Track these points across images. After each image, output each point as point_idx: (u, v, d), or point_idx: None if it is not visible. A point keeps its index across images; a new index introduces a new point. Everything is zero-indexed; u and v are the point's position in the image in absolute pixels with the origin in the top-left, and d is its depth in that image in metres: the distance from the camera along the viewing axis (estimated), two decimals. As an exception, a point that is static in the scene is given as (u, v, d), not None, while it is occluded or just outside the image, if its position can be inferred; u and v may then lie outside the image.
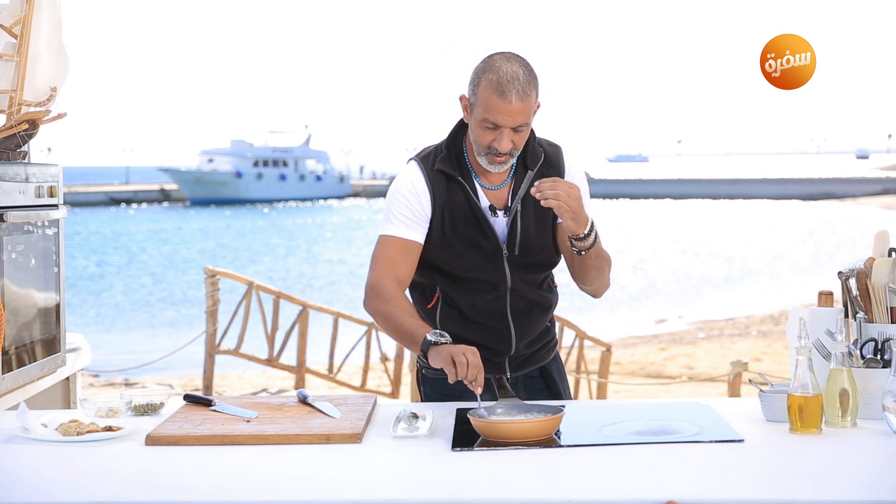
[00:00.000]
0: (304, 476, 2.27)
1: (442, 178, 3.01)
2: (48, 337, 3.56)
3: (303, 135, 78.55)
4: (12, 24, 3.42)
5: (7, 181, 3.28)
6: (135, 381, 12.36)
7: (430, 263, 3.04)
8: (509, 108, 2.83)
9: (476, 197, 3.00)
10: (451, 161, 3.01)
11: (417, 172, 3.03)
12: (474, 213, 2.99)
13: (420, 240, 3.00)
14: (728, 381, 8.15)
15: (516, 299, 3.04)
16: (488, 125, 2.87)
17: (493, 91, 2.84)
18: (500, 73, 2.85)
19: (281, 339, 10.38)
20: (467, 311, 3.05)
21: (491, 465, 2.31)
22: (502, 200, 3.03)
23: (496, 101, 2.84)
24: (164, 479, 2.25)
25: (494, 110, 2.84)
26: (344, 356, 10.85)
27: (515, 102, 2.83)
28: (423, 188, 3.01)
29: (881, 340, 2.75)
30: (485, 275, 3.01)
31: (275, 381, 12.15)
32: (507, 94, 2.83)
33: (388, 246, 3.00)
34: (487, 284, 3.01)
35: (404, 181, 3.03)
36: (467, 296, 3.04)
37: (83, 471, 2.31)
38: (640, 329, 19.12)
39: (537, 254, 3.04)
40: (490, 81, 2.85)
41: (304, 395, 2.89)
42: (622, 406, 3.01)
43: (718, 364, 13.26)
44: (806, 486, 2.14)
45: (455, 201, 3.00)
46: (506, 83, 2.83)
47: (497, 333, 3.05)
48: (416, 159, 3.07)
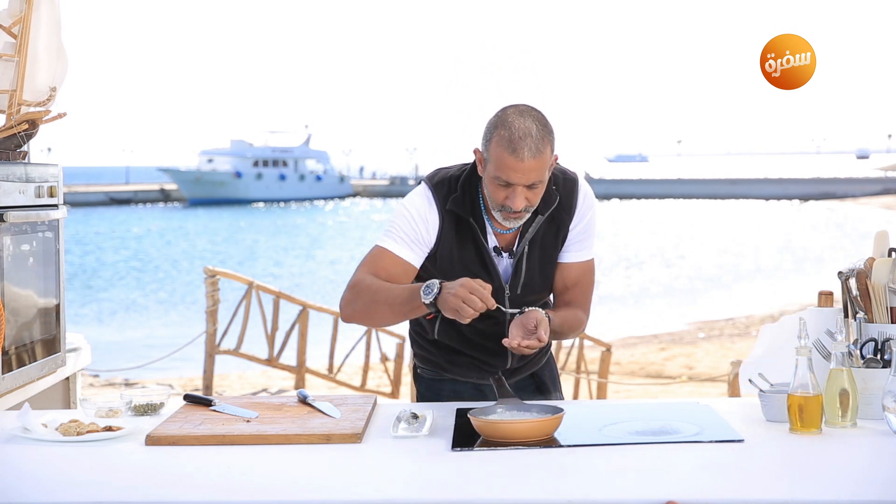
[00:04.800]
0: (304, 476, 2.27)
1: (453, 217, 2.94)
2: (48, 337, 3.56)
3: (303, 135, 78.60)
4: (11, 24, 3.42)
5: (7, 181, 3.27)
6: (135, 381, 12.36)
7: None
8: (521, 167, 2.73)
9: (485, 238, 2.95)
10: (465, 203, 2.93)
11: (431, 201, 2.94)
12: (480, 253, 2.94)
13: (416, 263, 2.93)
14: (728, 381, 8.14)
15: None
16: (501, 182, 2.77)
17: (504, 148, 2.74)
18: (511, 130, 2.74)
19: (281, 339, 10.38)
20: (465, 331, 3.03)
21: (491, 465, 2.31)
22: (510, 242, 2.98)
23: (508, 159, 2.73)
24: (164, 479, 2.25)
25: (507, 168, 2.74)
26: (344, 356, 10.84)
27: (528, 160, 2.73)
28: (433, 218, 2.93)
29: (881, 340, 2.75)
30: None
31: (275, 381, 12.15)
32: (519, 151, 2.72)
33: (381, 257, 2.92)
34: (486, 317, 2.89)
35: (416, 204, 2.94)
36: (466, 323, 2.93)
37: (83, 471, 2.31)
38: (640, 329, 19.11)
39: (538, 293, 3.03)
40: (502, 138, 2.75)
41: (304, 395, 2.89)
42: (622, 406, 3.01)
43: (718, 364, 13.25)
44: (806, 486, 2.14)
45: (462, 241, 2.93)
46: (517, 140, 2.73)
47: (493, 352, 3.05)
48: (430, 186, 2.97)
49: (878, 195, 64.99)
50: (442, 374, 3.14)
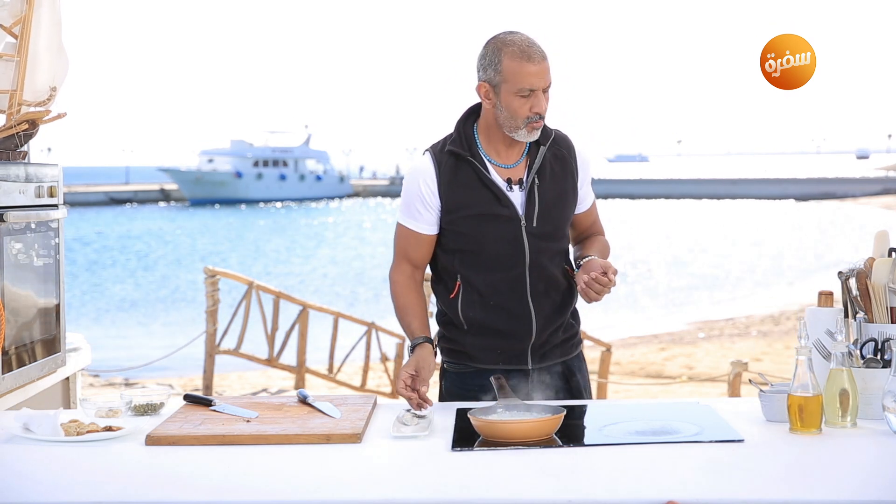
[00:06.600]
0: (304, 476, 2.27)
1: (451, 159, 3.09)
2: (48, 337, 3.56)
3: (303, 135, 78.60)
4: (12, 24, 3.42)
5: (7, 181, 3.28)
6: (135, 381, 12.36)
7: (451, 248, 3.10)
8: (539, 69, 2.96)
9: (488, 173, 3.07)
10: (462, 143, 3.10)
11: (426, 158, 3.13)
12: (488, 188, 3.05)
13: (428, 231, 3.11)
14: (728, 381, 8.16)
15: (535, 279, 3.07)
16: (524, 93, 2.97)
17: (520, 59, 2.96)
18: (517, 44, 2.97)
19: (281, 339, 10.38)
20: (488, 294, 3.07)
21: (491, 465, 2.31)
22: (519, 176, 3.10)
23: (527, 66, 2.95)
24: (164, 479, 2.25)
25: (528, 75, 2.96)
26: (344, 356, 10.85)
27: (541, 62, 2.97)
28: (430, 172, 3.09)
29: (881, 340, 2.75)
30: (505, 247, 3.05)
31: (275, 381, 12.15)
32: (534, 56, 2.96)
33: (401, 234, 3.16)
34: (507, 260, 3.05)
35: (413, 169, 3.14)
36: (487, 275, 3.07)
37: (83, 471, 2.31)
38: (640, 329, 19.11)
39: (556, 224, 3.12)
40: (513, 53, 2.97)
41: (304, 395, 2.89)
42: (622, 406, 3.01)
43: (718, 364, 13.25)
44: (806, 486, 2.14)
45: (469, 184, 3.07)
46: (527, 48, 2.97)
47: (517, 317, 3.07)
48: (427, 149, 3.17)
49: (878, 195, 64.97)
50: (469, 366, 3.13)
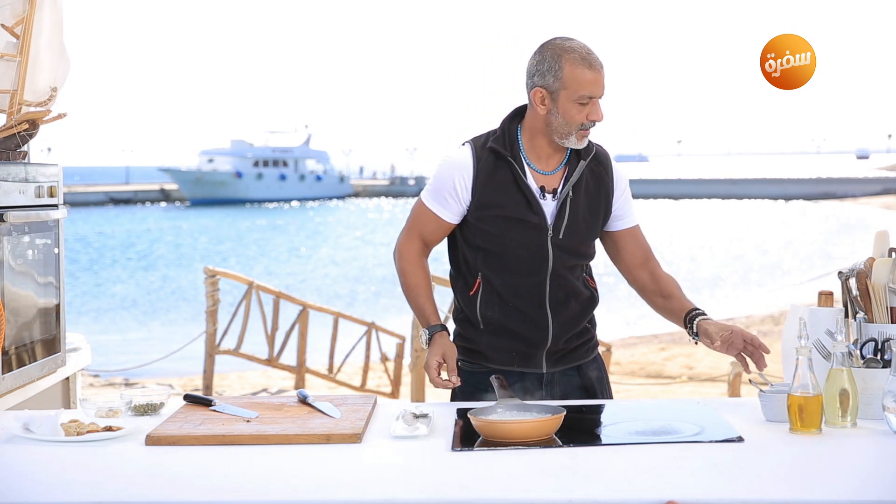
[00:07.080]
0: (304, 476, 2.27)
1: (491, 157, 3.08)
2: (48, 337, 3.56)
3: (303, 135, 78.64)
4: (14, 24, 3.42)
5: (7, 181, 3.28)
6: (135, 381, 12.36)
7: (476, 244, 3.10)
8: (598, 77, 2.99)
9: (524, 176, 3.06)
10: (505, 142, 3.09)
11: (466, 151, 3.12)
12: (522, 192, 3.05)
13: (451, 220, 3.11)
14: (728, 381, 8.16)
15: (555, 288, 3.08)
16: (583, 101, 2.98)
17: (582, 66, 2.97)
18: (577, 51, 2.98)
19: (281, 339, 10.39)
20: (507, 296, 3.08)
21: (491, 465, 2.31)
22: (553, 185, 3.10)
23: (588, 74, 2.97)
24: (164, 479, 2.25)
25: (589, 83, 2.97)
26: (344, 356, 10.85)
27: (600, 70, 3.00)
28: (468, 167, 3.08)
29: (881, 340, 2.75)
30: (528, 253, 3.05)
31: (275, 381, 12.15)
32: (594, 64, 2.98)
33: (422, 212, 3.15)
34: (529, 266, 3.06)
35: (450, 159, 3.12)
36: (508, 277, 3.07)
37: (83, 471, 2.31)
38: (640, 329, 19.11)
39: (583, 240, 3.12)
40: (574, 60, 2.97)
41: (304, 395, 2.89)
42: (622, 406, 3.01)
43: (718, 364, 13.24)
44: (806, 486, 2.14)
45: (503, 184, 3.06)
46: (587, 56, 2.98)
47: (534, 322, 3.08)
48: (468, 141, 3.16)
49: (878, 195, 64.97)
50: (483, 366, 3.13)
